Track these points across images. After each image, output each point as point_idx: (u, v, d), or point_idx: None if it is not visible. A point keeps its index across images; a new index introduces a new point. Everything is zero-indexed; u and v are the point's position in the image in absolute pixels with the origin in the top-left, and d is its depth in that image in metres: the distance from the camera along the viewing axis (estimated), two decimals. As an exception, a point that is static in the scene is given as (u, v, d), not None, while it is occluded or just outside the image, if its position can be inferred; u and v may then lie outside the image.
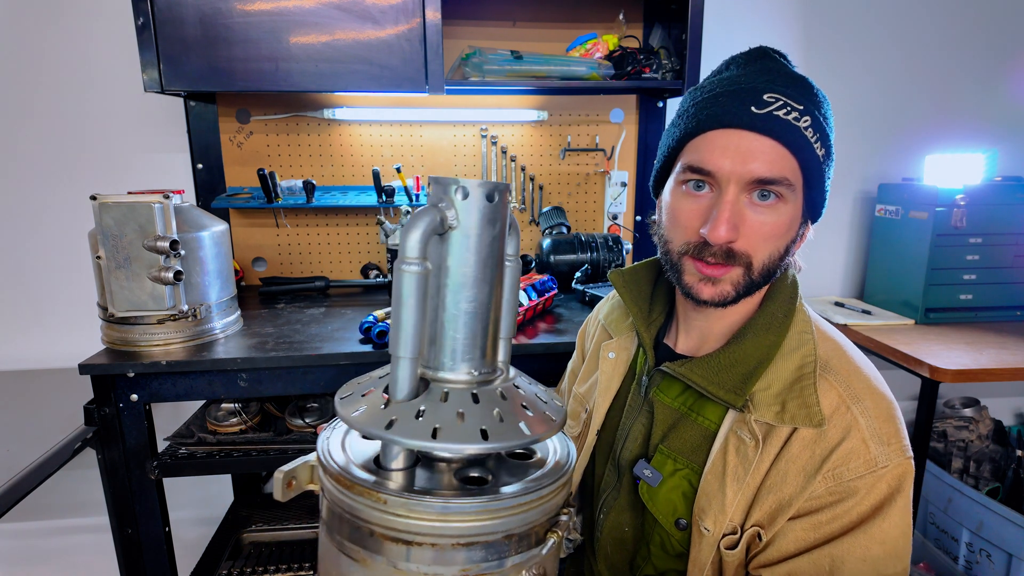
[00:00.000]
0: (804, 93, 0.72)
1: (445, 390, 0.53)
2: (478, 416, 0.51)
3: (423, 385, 0.54)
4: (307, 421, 1.47)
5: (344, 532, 0.53)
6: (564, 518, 0.55)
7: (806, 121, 0.70)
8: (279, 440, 1.44)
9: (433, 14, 1.58)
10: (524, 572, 0.53)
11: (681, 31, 1.74)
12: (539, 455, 0.60)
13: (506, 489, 0.52)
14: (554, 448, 0.62)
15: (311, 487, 0.59)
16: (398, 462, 0.54)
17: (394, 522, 0.49)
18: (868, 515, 0.69)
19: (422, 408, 0.51)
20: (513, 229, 0.59)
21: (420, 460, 0.56)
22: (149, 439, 1.36)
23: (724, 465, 0.75)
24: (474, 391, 0.54)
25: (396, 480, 0.53)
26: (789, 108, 0.70)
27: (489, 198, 0.53)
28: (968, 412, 2.14)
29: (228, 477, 2.12)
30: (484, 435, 0.49)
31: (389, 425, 0.49)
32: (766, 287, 0.81)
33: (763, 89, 0.71)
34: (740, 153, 0.70)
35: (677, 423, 0.82)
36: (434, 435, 0.48)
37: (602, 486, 0.91)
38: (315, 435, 1.45)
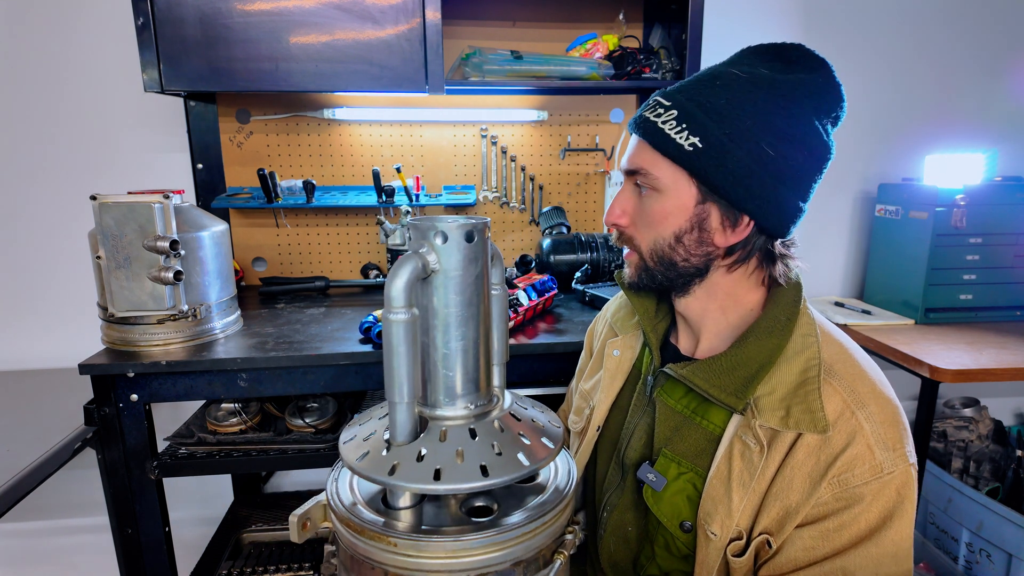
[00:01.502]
0: (693, 89, 0.76)
1: (443, 427, 0.54)
2: (477, 452, 0.52)
3: (422, 424, 0.55)
4: (307, 421, 1.47)
5: (359, 571, 0.54)
6: (569, 537, 0.57)
7: (669, 115, 0.75)
8: (279, 440, 1.44)
9: (433, 14, 1.58)
10: None
11: (681, 31, 1.74)
12: (541, 477, 0.61)
13: (511, 520, 0.53)
14: (555, 469, 0.63)
15: (326, 525, 0.59)
16: (405, 500, 0.55)
17: (405, 562, 0.51)
18: (877, 525, 0.69)
19: (423, 451, 0.52)
20: (496, 259, 0.60)
21: (427, 496, 0.57)
22: (149, 439, 1.36)
23: (729, 470, 0.75)
24: (471, 426, 0.54)
25: (404, 519, 0.54)
26: (657, 107, 0.77)
27: (468, 238, 0.53)
28: (968, 412, 2.14)
29: (228, 477, 2.12)
30: (484, 471, 0.50)
31: (392, 471, 0.50)
32: (765, 288, 0.81)
33: (659, 93, 0.79)
34: (628, 151, 0.82)
35: (681, 426, 0.81)
36: (436, 476, 0.49)
37: (605, 484, 0.91)
38: (315, 435, 1.45)
